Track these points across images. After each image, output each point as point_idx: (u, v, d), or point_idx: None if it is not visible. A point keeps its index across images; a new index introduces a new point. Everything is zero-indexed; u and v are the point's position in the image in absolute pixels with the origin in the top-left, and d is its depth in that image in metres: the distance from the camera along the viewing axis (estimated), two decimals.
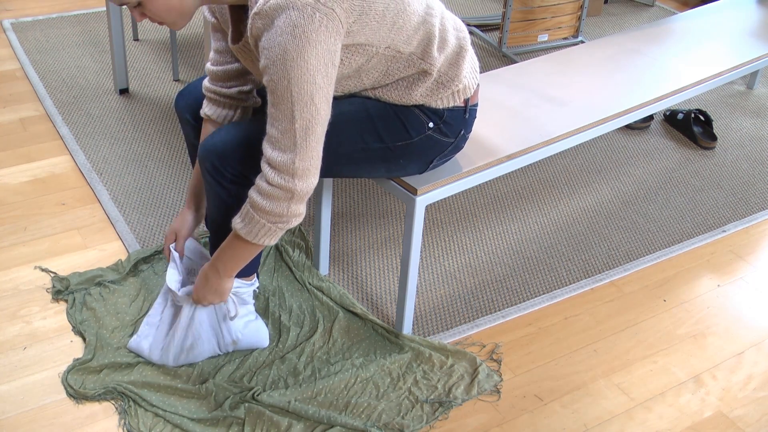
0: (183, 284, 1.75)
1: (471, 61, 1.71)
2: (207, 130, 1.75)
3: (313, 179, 1.48)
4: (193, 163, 1.88)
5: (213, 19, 1.66)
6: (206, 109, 1.74)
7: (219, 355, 1.81)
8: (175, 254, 1.76)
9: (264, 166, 1.46)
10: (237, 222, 1.52)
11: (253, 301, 1.83)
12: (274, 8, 1.35)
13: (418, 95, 1.62)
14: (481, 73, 2.38)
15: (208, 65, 1.72)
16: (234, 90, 1.71)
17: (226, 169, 1.57)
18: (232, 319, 1.74)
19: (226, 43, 1.69)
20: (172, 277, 1.72)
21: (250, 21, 1.40)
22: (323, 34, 1.36)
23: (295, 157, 1.43)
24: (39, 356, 1.81)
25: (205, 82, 1.73)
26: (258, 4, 1.38)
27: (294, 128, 1.41)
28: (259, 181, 1.48)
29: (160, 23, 1.47)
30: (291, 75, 1.36)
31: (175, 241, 1.80)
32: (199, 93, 1.80)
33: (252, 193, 1.49)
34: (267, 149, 1.45)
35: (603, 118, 2.08)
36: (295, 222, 1.51)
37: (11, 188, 2.37)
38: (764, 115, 3.14)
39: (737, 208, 2.54)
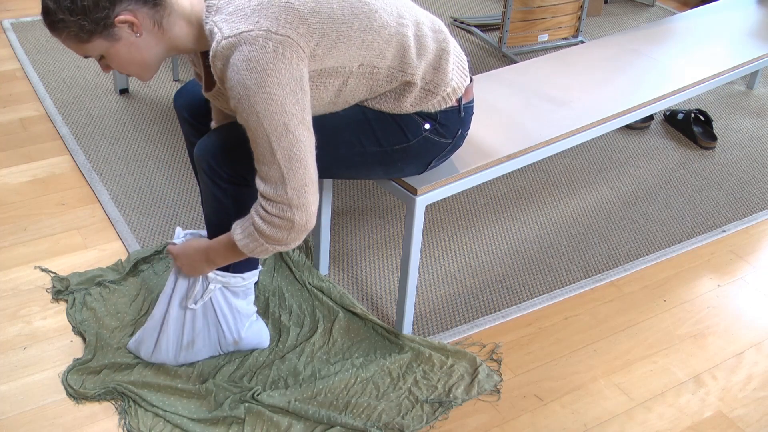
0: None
1: (456, 60, 1.68)
2: None
3: (312, 208, 1.46)
4: (192, 160, 1.88)
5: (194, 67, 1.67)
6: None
7: (219, 354, 1.81)
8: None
9: (260, 198, 1.46)
10: (237, 232, 1.51)
11: (255, 300, 1.84)
12: (227, 47, 1.35)
13: (408, 105, 1.61)
14: (481, 73, 2.38)
15: None
16: None
17: (222, 169, 1.57)
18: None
19: None
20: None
21: (211, 66, 1.40)
22: (281, 63, 1.35)
23: (286, 188, 1.42)
24: (39, 356, 1.81)
25: None
26: (212, 47, 1.37)
27: (277, 160, 1.40)
28: (257, 206, 1.47)
29: (128, 75, 1.47)
30: (258, 109, 1.36)
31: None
32: (196, 91, 1.80)
33: (254, 214, 1.48)
34: (259, 184, 1.45)
35: (603, 118, 2.08)
36: (293, 246, 1.51)
37: (11, 188, 2.37)
38: (764, 115, 3.14)
39: (737, 208, 2.54)
